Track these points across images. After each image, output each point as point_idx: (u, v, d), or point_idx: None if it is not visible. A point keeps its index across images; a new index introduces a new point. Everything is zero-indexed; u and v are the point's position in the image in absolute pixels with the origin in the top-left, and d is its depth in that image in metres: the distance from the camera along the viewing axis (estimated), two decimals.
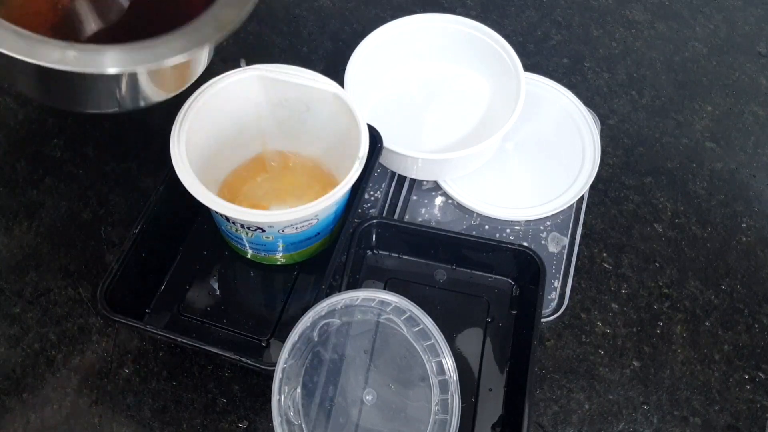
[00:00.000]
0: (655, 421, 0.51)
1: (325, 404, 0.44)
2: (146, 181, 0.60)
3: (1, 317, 0.53)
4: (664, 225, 0.60)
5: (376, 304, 0.45)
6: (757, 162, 0.64)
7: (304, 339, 0.44)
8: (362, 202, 0.59)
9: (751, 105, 0.68)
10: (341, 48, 0.69)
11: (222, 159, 0.54)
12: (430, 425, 0.43)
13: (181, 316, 0.52)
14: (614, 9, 0.75)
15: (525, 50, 0.70)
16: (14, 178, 0.60)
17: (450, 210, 0.60)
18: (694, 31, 0.73)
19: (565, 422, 0.50)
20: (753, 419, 0.51)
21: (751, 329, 0.55)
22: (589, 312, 0.55)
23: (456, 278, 0.55)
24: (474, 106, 0.63)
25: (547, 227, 0.59)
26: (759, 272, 0.58)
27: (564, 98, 0.65)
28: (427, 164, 0.57)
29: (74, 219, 0.58)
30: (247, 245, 0.52)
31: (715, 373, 0.53)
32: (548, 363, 0.53)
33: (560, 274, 0.56)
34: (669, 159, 0.64)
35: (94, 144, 0.62)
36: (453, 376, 0.44)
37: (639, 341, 0.54)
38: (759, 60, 0.71)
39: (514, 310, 0.53)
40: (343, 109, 0.50)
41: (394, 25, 0.61)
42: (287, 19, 0.71)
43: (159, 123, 0.63)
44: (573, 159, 0.61)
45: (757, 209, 0.61)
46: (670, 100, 0.68)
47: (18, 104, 0.63)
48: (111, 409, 0.49)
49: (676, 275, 0.57)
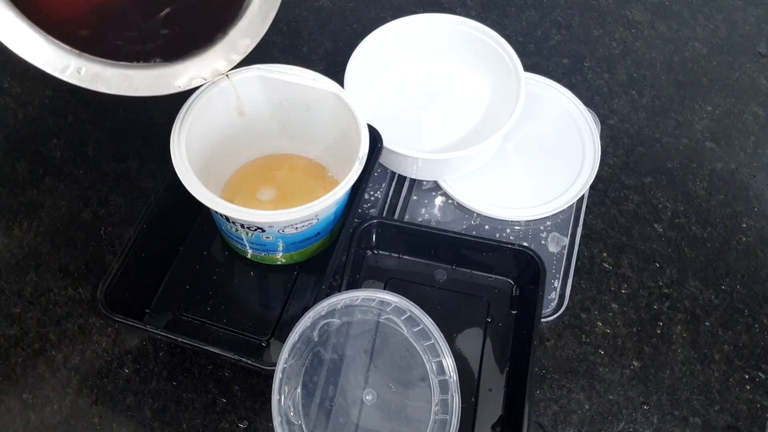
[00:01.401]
0: (655, 421, 0.51)
1: (325, 404, 0.44)
2: (146, 181, 0.60)
3: (1, 317, 0.53)
4: (664, 225, 0.60)
5: (376, 304, 0.45)
6: (757, 162, 0.64)
7: (304, 339, 0.44)
8: (362, 202, 0.59)
9: (751, 105, 0.68)
10: (341, 48, 0.69)
11: (222, 159, 0.54)
12: (430, 425, 0.43)
13: (181, 316, 0.52)
14: (614, 9, 0.75)
15: (525, 50, 0.70)
16: (14, 178, 0.60)
17: (450, 210, 0.60)
18: (694, 31, 0.73)
19: (565, 422, 0.50)
20: (753, 419, 0.51)
21: (751, 329, 0.55)
22: (589, 312, 0.55)
23: (456, 278, 0.55)
24: (474, 106, 0.63)
25: (547, 227, 0.59)
26: (759, 272, 0.58)
27: (564, 98, 0.65)
28: (427, 164, 0.57)
29: (74, 219, 0.58)
30: (247, 245, 0.52)
31: (715, 373, 0.53)
32: (548, 363, 0.53)
33: (560, 274, 0.56)
34: (669, 159, 0.64)
35: (94, 144, 0.62)
36: (453, 376, 0.44)
37: (639, 341, 0.54)
38: (759, 60, 0.71)
39: (514, 310, 0.53)
40: (343, 109, 0.50)
41: (394, 25, 0.61)
42: (287, 19, 0.71)
43: (159, 123, 0.63)
44: (573, 159, 0.61)
45: (757, 209, 0.61)
46: (670, 100, 0.68)
47: (18, 104, 0.63)
48: (111, 409, 0.49)
49: (676, 275, 0.57)
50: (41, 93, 0.64)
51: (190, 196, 0.45)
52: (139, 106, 0.64)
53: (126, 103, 0.64)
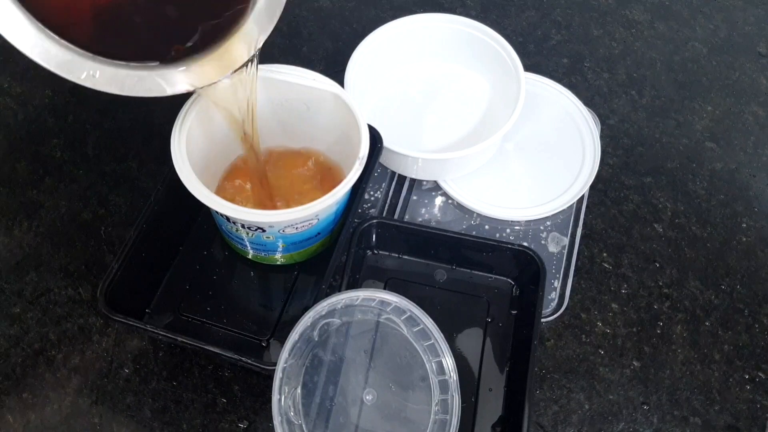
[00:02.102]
0: (655, 421, 0.51)
1: (326, 404, 0.44)
2: (146, 181, 0.60)
3: (1, 317, 0.53)
4: (664, 225, 0.60)
5: (377, 304, 0.45)
6: (757, 162, 0.64)
7: (305, 339, 0.44)
8: (362, 202, 0.59)
9: (751, 105, 0.68)
10: (341, 48, 0.69)
11: (223, 159, 0.54)
12: (430, 425, 0.43)
13: (181, 316, 0.52)
14: (614, 9, 0.75)
15: (525, 50, 0.70)
16: (14, 178, 0.60)
17: (450, 210, 0.60)
18: (694, 31, 0.73)
19: (565, 422, 0.50)
20: (753, 419, 0.51)
21: (751, 329, 0.55)
22: (589, 312, 0.55)
23: (456, 278, 0.55)
24: (474, 106, 0.63)
25: (547, 227, 0.59)
26: (759, 272, 0.58)
27: (564, 98, 0.65)
28: (427, 164, 0.57)
29: (74, 219, 0.58)
30: (248, 245, 0.52)
31: (715, 373, 0.53)
32: (548, 363, 0.53)
33: (560, 274, 0.56)
34: (669, 159, 0.64)
35: (94, 144, 0.62)
36: (453, 376, 0.44)
37: (639, 341, 0.54)
38: (759, 60, 0.71)
39: (514, 310, 0.53)
40: (343, 109, 0.50)
41: (394, 25, 0.61)
42: (287, 19, 0.71)
43: (159, 123, 0.63)
44: (573, 159, 0.61)
45: (757, 209, 0.61)
46: (670, 100, 0.68)
47: (18, 104, 0.63)
48: (111, 409, 0.49)
49: (676, 275, 0.57)
50: (41, 93, 0.64)
51: (190, 196, 0.45)
52: (139, 106, 0.64)
53: (126, 103, 0.64)
